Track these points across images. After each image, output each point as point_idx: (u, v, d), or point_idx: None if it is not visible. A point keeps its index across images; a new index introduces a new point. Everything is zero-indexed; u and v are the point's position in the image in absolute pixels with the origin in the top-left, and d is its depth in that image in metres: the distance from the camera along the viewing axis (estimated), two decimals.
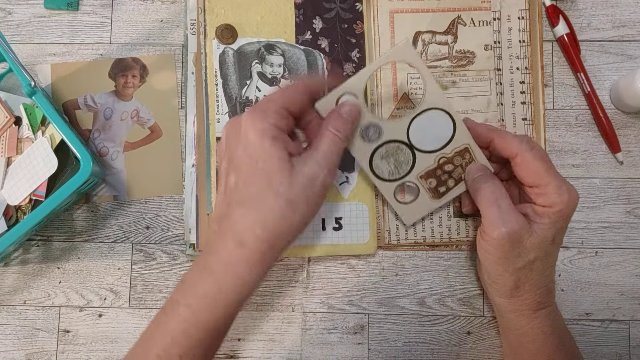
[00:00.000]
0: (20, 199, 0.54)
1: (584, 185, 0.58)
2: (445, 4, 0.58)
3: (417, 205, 0.54)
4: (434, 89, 0.50)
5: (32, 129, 0.55)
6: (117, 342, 0.57)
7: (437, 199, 0.54)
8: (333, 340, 0.57)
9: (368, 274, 0.58)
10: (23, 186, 0.54)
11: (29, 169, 0.54)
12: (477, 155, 0.52)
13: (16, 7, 0.61)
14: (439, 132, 0.51)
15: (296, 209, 0.41)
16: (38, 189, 0.54)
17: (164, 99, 0.60)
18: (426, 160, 0.52)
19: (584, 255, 0.57)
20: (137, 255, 0.58)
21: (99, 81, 0.60)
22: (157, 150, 0.59)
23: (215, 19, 0.56)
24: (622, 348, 0.57)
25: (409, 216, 0.55)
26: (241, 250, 0.40)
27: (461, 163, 0.52)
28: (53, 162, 0.53)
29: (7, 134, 0.55)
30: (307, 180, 0.41)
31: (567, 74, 0.59)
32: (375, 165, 0.52)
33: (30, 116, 0.55)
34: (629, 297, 0.57)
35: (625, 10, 0.59)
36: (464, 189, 0.53)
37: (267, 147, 0.41)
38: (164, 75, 0.60)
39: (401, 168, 0.52)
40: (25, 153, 0.55)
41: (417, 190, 0.53)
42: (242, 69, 0.56)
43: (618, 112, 0.58)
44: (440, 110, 0.51)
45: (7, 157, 0.55)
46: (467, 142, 0.51)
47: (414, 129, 0.51)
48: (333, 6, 0.58)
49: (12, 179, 0.55)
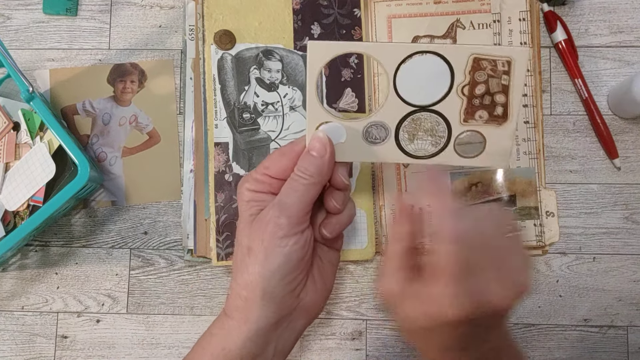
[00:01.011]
0: (18, 204, 0.54)
1: (581, 191, 0.58)
2: (443, 7, 0.58)
3: (499, 134, 0.43)
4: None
5: (30, 135, 0.55)
6: (115, 348, 0.57)
7: (505, 120, 0.43)
8: (331, 346, 0.57)
9: (366, 279, 0.58)
10: (21, 192, 0.54)
11: (27, 174, 0.54)
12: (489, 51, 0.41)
13: (15, 12, 0.61)
14: (432, 76, 0.42)
15: (254, 256, 0.41)
16: (36, 195, 0.54)
17: (163, 105, 0.60)
18: (451, 104, 0.42)
19: (581, 261, 0.57)
20: (135, 261, 0.58)
21: (97, 86, 0.60)
22: (156, 156, 0.59)
23: (214, 25, 0.56)
24: (620, 354, 0.57)
25: (501, 153, 0.44)
26: (225, 313, 0.43)
27: (488, 74, 0.42)
28: (51, 168, 0.53)
29: (6, 140, 0.55)
30: (260, 224, 0.41)
31: (565, 80, 0.59)
32: (416, 153, 0.44)
33: (28, 122, 0.55)
34: (627, 303, 0.57)
35: (622, 16, 0.59)
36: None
37: (241, 209, 0.44)
38: (163, 81, 0.60)
39: (438, 131, 0.43)
40: (23, 158, 0.55)
41: (479, 134, 0.43)
42: (240, 75, 0.56)
43: (616, 118, 0.59)
44: (412, 56, 0.41)
45: (6, 162, 0.55)
46: (470, 52, 0.41)
47: (407, 93, 0.42)
48: (331, 12, 0.58)
49: (10, 185, 0.55)
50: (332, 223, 0.45)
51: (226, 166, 0.55)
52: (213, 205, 0.54)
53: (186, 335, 0.58)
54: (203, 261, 0.57)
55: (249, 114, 0.56)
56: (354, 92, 0.58)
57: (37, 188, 0.54)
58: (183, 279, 0.58)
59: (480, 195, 0.57)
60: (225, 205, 0.55)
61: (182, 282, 0.58)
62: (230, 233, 0.54)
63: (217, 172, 0.55)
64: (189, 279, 0.58)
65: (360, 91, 0.58)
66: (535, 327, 0.57)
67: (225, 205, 0.55)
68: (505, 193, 0.57)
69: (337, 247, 0.47)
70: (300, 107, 0.57)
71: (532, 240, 0.57)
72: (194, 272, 0.58)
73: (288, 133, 0.56)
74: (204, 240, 0.55)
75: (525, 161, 0.57)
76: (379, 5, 0.58)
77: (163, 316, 0.58)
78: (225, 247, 0.54)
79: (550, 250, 0.58)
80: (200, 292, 0.58)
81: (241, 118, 0.56)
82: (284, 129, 0.56)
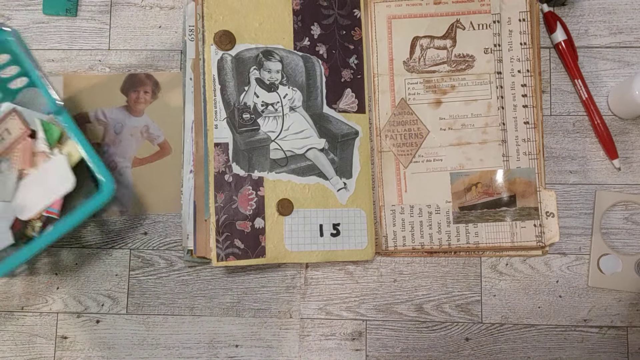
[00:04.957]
0: (32, 213, 0.53)
1: (581, 191, 0.58)
2: (443, 8, 0.58)
3: None
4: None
5: (48, 144, 0.54)
6: (115, 348, 0.57)
7: None
8: (331, 347, 0.57)
9: (366, 280, 0.58)
10: (35, 201, 0.53)
11: (44, 185, 0.53)
12: None
13: (15, 13, 0.61)
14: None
15: None
16: (52, 206, 0.53)
17: (175, 117, 0.59)
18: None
19: (581, 262, 0.57)
20: (135, 261, 0.58)
21: (110, 95, 0.60)
22: (165, 168, 0.59)
23: (214, 25, 0.56)
24: (620, 355, 0.57)
25: None
26: None
27: None
28: (71, 181, 0.53)
29: (21, 147, 0.54)
30: None
31: (565, 81, 0.59)
32: None
33: (47, 132, 0.54)
34: (627, 304, 0.57)
35: (622, 17, 0.59)
36: None
37: None
38: (176, 93, 0.60)
39: None
40: (40, 168, 0.54)
41: None
42: (240, 75, 0.56)
43: (615, 119, 0.59)
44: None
45: (20, 169, 0.54)
46: None
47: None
48: (331, 13, 0.58)
49: (24, 193, 0.54)
50: None
51: (226, 167, 0.55)
52: (213, 206, 0.54)
53: (186, 335, 0.58)
54: (203, 262, 0.57)
55: (248, 114, 0.56)
56: (353, 92, 0.58)
57: (53, 200, 0.53)
58: (183, 279, 0.58)
59: (480, 196, 0.57)
60: (225, 206, 0.54)
61: (182, 283, 0.58)
62: (230, 233, 0.54)
63: (217, 172, 0.55)
64: (189, 280, 0.58)
65: (360, 91, 0.58)
66: (535, 327, 0.57)
67: (225, 206, 0.54)
68: (505, 193, 0.57)
69: None
70: (300, 108, 0.57)
71: (532, 241, 0.57)
72: (194, 273, 0.58)
73: (288, 133, 0.56)
74: (203, 240, 0.55)
75: (525, 161, 0.57)
76: (379, 6, 0.58)
77: (163, 317, 0.58)
78: (225, 248, 0.54)
79: (550, 250, 0.58)
80: (200, 292, 0.58)
81: (241, 118, 0.56)
82: (283, 129, 0.56)
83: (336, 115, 0.57)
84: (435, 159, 0.58)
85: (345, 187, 0.56)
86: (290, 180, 0.56)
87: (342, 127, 0.57)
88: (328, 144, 0.57)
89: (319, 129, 0.57)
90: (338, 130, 0.57)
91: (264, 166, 0.56)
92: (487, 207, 0.57)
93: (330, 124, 0.57)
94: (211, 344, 0.57)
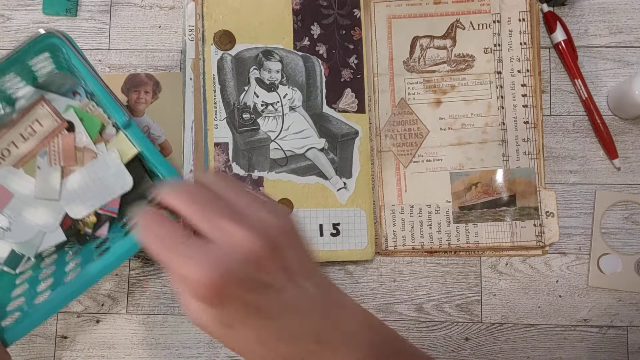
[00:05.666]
0: (85, 212, 0.52)
1: (581, 191, 0.58)
2: (443, 8, 0.58)
3: None
4: None
5: (90, 138, 0.52)
6: (115, 349, 0.57)
7: None
8: None
9: (366, 280, 0.58)
10: (89, 200, 0.52)
11: (97, 183, 0.51)
12: None
13: (15, 12, 0.61)
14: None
15: None
16: (109, 205, 0.52)
17: (176, 117, 0.59)
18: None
19: (581, 262, 0.57)
20: (135, 261, 0.58)
21: None
22: None
23: (214, 25, 0.56)
24: (620, 354, 0.56)
25: None
26: None
27: None
28: (127, 180, 0.52)
29: (60, 141, 0.51)
30: None
31: (565, 80, 0.59)
32: None
33: (85, 123, 0.52)
34: (627, 303, 0.57)
35: (622, 16, 0.59)
36: None
37: None
38: (176, 93, 0.60)
39: None
40: (89, 166, 0.52)
41: None
42: (240, 75, 0.56)
43: (615, 119, 0.59)
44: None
45: (63, 165, 0.52)
46: None
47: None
48: (331, 12, 0.58)
49: (73, 191, 0.52)
50: None
51: (226, 166, 0.55)
52: None
53: (186, 335, 0.58)
54: None
55: (248, 114, 0.56)
56: (353, 92, 0.58)
57: (109, 199, 0.52)
58: None
59: (480, 195, 0.57)
60: None
61: None
62: None
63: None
64: None
65: (360, 91, 0.58)
66: (535, 327, 0.57)
67: None
68: (505, 193, 0.57)
69: None
70: (300, 108, 0.57)
71: (532, 241, 0.57)
72: None
73: (288, 133, 0.56)
74: None
75: (525, 161, 0.57)
76: (379, 6, 0.59)
77: (163, 316, 0.58)
78: None
79: (550, 250, 0.58)
80: None
81: (241, 118, 0.56)
82: (283, 129, 0.56)
83: (336, 115, 0.57)
84: (435, 158, 0.58)
85: (345, 186, 0.57)
86: (290, 180, 0.56)
87: (342, 126, 0.57)
88: (328, 143, 0.57)
89: (319, 129, 0.57)
90: (338, 130, 0.57)
91: (264, 166, 0.56)
92: (487, 207, 0.57)
93: (330, 123, 0.57)
94: (211, 344, 0.57)
